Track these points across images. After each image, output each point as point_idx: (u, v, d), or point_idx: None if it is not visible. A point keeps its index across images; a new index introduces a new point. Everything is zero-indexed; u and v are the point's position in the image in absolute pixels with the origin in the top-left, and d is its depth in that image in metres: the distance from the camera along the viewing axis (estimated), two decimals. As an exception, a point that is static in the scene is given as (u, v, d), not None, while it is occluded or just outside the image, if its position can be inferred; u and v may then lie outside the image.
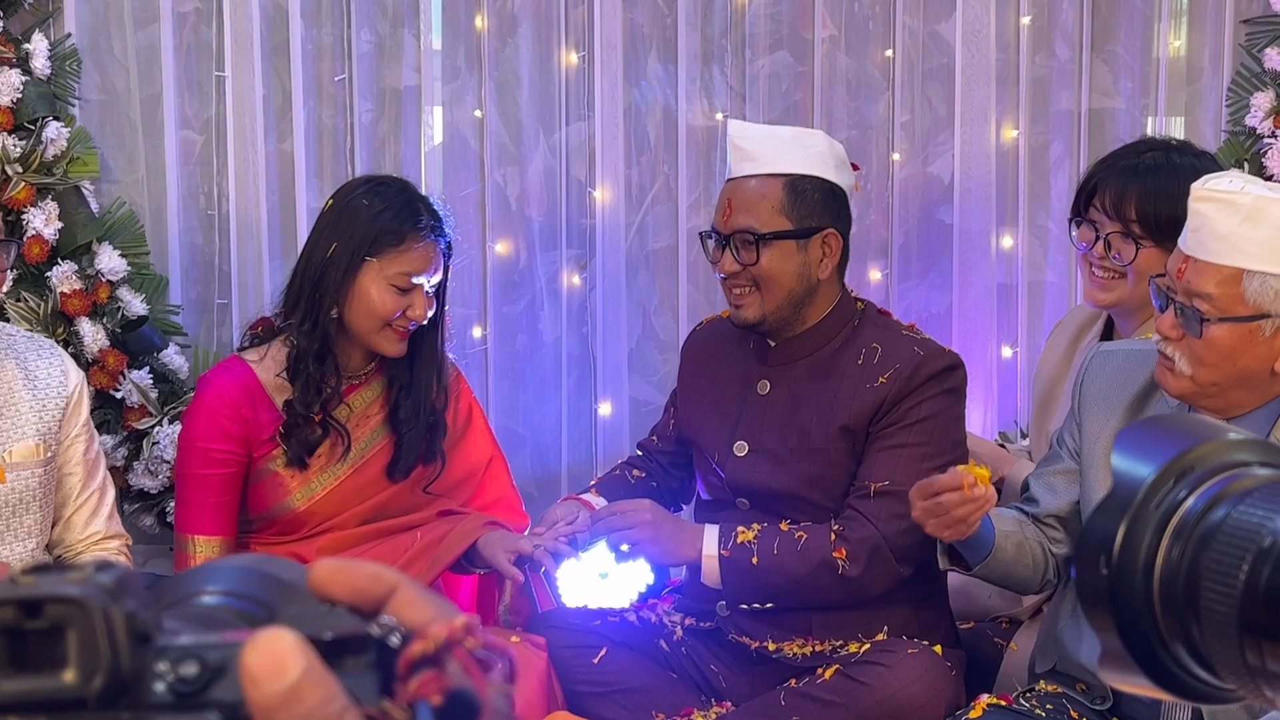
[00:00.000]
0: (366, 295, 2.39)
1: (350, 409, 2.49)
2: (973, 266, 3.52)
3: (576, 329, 3.46)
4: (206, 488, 2.42)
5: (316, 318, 2.41)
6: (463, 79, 3.43)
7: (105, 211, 3.17)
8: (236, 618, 0.53)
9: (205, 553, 2.42)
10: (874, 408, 2.40)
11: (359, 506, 2.50)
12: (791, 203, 2.42)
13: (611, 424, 3.44)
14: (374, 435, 2.52)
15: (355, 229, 2.40)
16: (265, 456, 2.45)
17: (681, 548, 2.42)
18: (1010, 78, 3.53)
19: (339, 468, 2.47)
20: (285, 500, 2.45)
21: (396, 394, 2.51)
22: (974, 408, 3.40)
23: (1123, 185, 2.46)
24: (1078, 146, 3.55)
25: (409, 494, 2.54)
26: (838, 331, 2.48)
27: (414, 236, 2.40)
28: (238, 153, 3.28)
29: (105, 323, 3.09)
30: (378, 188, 2.47)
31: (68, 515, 2.38)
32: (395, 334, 2.43)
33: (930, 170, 3.56)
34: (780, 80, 3.52)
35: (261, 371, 2.45)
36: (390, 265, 2.39)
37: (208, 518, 2.43)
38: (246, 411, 2.42)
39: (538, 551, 2.38)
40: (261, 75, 3.29)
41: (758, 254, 2.40)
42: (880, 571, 2.36)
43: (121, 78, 3.28)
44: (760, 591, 2.41)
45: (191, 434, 2.45)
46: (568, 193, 3.45)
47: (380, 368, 2.53)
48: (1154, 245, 2.42)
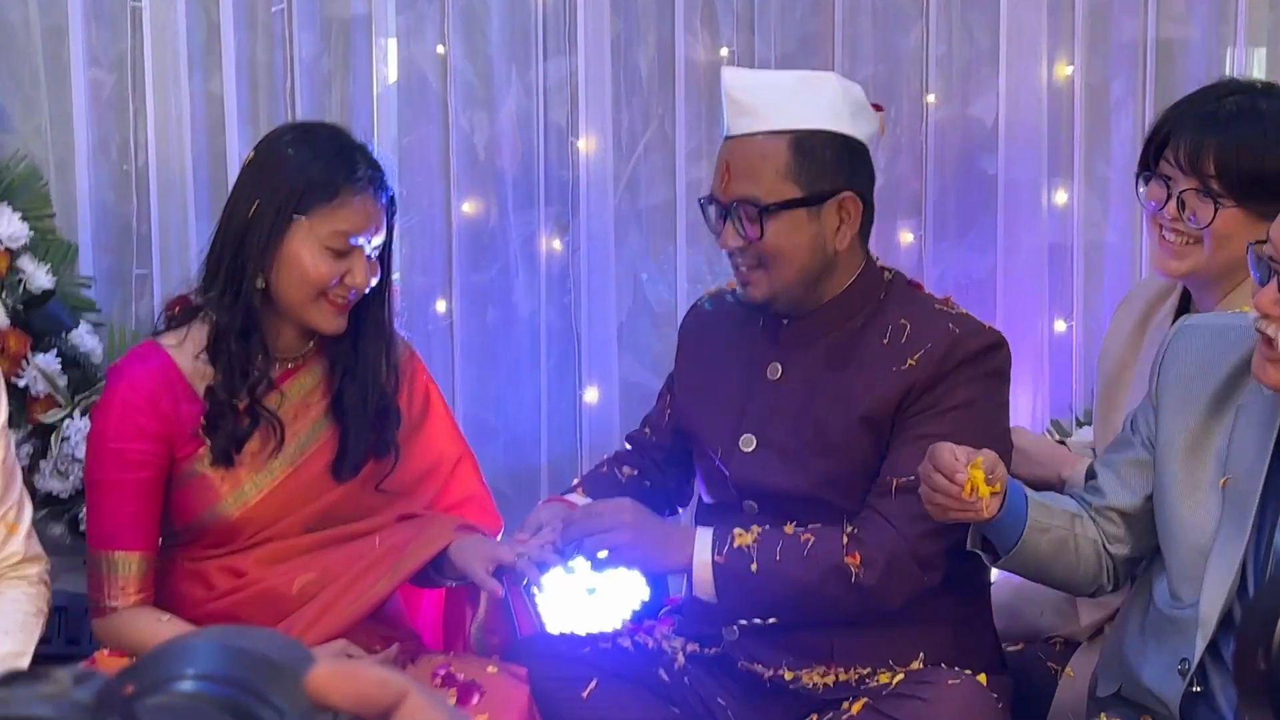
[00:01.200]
0: (296, 260, 2.37)
1: (286, 397, 2.47)
2: (1020, 225, 3.50)
3: (557, 300, 3.44)
4: (122, 495, 2.40)
5: (239, 288, 2.38)
6: (421, 7, 3.38)
7: (3, 167, 3.12)
8: (217, 709, 0.54)
9: (124, 571, 2.40)
10: (900, 395, 2.38)
11: (301, 511, 2.48)
12: (799, 164, 2.39)
13: (599, 411, 3.42)
14: (315, 428, 2.50)
15: (280, 183, 2.38)
16: (189, 457, 2.42)
17: (668, 553, 2.41)
18: (1064, 3, 3.50)
19: (275, 465, 2.45)
20: (215, 506, 2.44)
21: (340, 379, 2.50)
22: (1022, 392, 3.39)
23: (1200, 135, 2.42)
24: (1143, 84, 3.53)
25: (360, 495, 2.53)
26: (861, 307, 2.47)
27: (349, 189, 2.38)
28: (157, 95, 3.22)
29: (4, 299, 3.04)
30: (305, 135, 2.46)
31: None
32: (332, 306, 2.41)
33: (970, 112, 3.53)
34: (794, 6, 3.47)
35: (180, 357, 2.43)
36: (323, 224, 2.37)
37: (125, 530, 2.41)
38: (165, 405, 2.40)
39: (520, 561, 2.35)
40: (184, 3, 3.24)
41: (762, 227, 2.39)
42: (900, 580, 2.35)
43: (17, 7, 3.22)
44: (761, 604, 2.40)
45: (102, 433, 2.42)
46: (545, 141, 3.41)
47: (320, 349, 2.52)
48: (1235, 205, 2.39)
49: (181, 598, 2.47)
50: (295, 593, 2.42)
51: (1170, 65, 3.54)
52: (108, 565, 2.42)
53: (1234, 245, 2.36)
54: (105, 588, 2.42)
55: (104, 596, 2.42)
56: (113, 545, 2.42)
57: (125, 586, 2.41)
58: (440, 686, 2.37)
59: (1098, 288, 3.58)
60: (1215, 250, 2.43)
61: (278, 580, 2.44)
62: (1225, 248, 2.40)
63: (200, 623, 2.41)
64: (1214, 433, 2.16)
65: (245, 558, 2.48)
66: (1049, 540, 2.25)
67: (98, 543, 2.44)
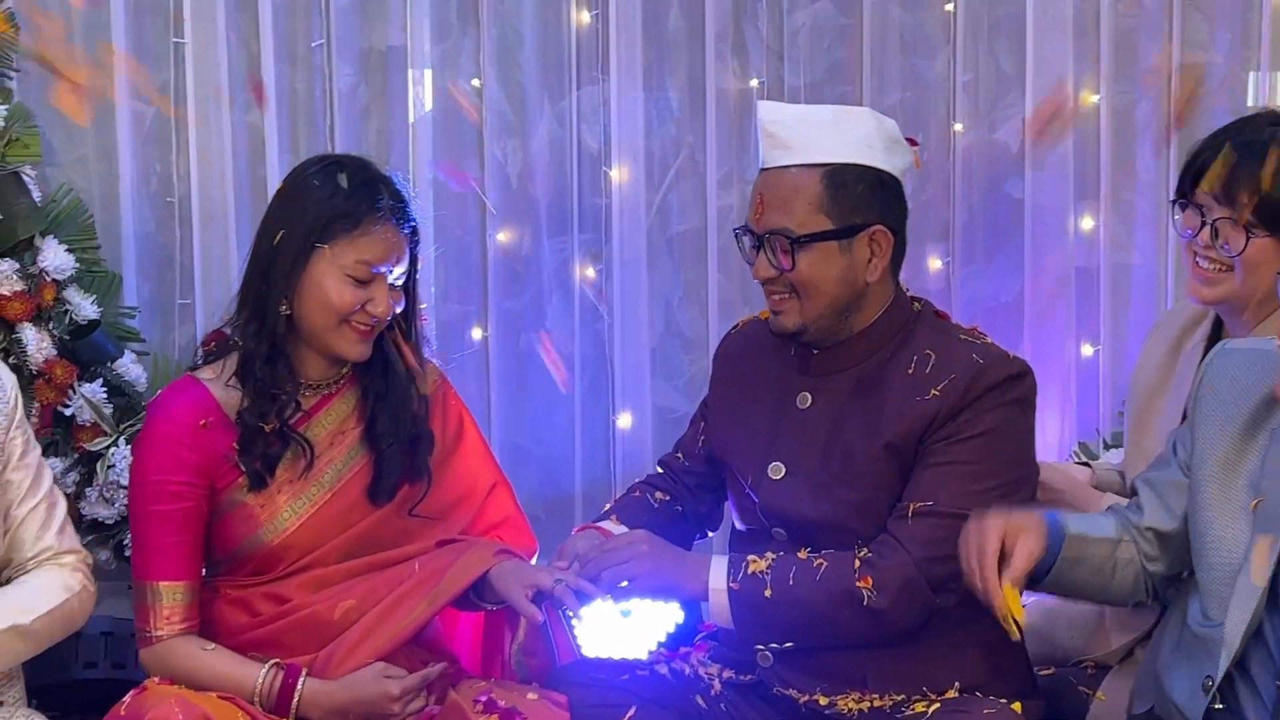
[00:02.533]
0: (319, 287, 2.42)
1: (320, 424, 2.53)
2: (1047, 249, 3.52)
3: (590, 327, 3.48)
4: (165, 527, 2.44)
5: (263, 315, 2.44)
6: (456, 38, 3.43)
7: (49, 200, 3.19)
8: None
9: (169, 601, 2.44)
10: (925, 424, 2.40)
11: (339, 538, 2.51)
12: (832, 197, 2.42)
13: (632, 436, 3.46)
14: (351, 454, 2.55)
15: (304, 213, 2.43)
16: (229, 486, 2.47)
17: (684, 580, 2.43)
18: (1089, 29, 3.52)
19: (312, 491, 2.50)
20: (257, 534, 2.47)
21: (373, 406, 2.56)
22: (1049, 415, 3.41)
23: (1235, 165, 2.47)
24: (1167, 108, 3.55)
25: (396, 520, 2.56)
26: (890, 338, 2.50)
27: (371, 219, 2.43)
28: (199, 127, 3.29)
29: (51, 329, 3.12)
30: (330, 166, 2.50)
31: (14, 529, 2.45)
32: (355, 332, 2.45)
33: (997, 138, 3.56)
34: (823, 35, 3.50)
35: (218, 390, 2.48)
36: (345, 253, 2.41)
37: (170, 561, 2.45)
38: (203, 436, 2.44)
39: (558, 587, 2.38)
40: (225, 37, 3.30)
41: (794, 258, 2.43)
42: (913, 603, 2.37)
43: (64, 42, 3.30)
44: (777, 629, 2.42)
45: (143, 467, 2.46)
46: (579, 169, 3.46)
47: (353, 378, 2.57)
48: (1268, 235, 2.44)
49: (225, 625, 2.50)
50: (337, 618, 2.45)
51: (1194, 90, 3.56)
52: (152, 595, 2.46)
53: (1265, 273, 2.42)
54: (151, 617, 2.45)
55: (150, 626, 2.45)
56: (157, 576, 2.46)
57: (170, 616, 2.45)
58: (482, 713, 2.40)
59: (1124, 311, 3.60)
60: (1247, 278, 2.47)
61: (319, 606, 2.47)
62: (1256, 275, 2.44)
63: (244, 649, 2.45)
64: (1247, 454, 2.18)
65: (287, 584, 2.51)
66: (1085, 569, 2.27)
67: (143, 574, 2.47)
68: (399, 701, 2.38)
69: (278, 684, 2.39)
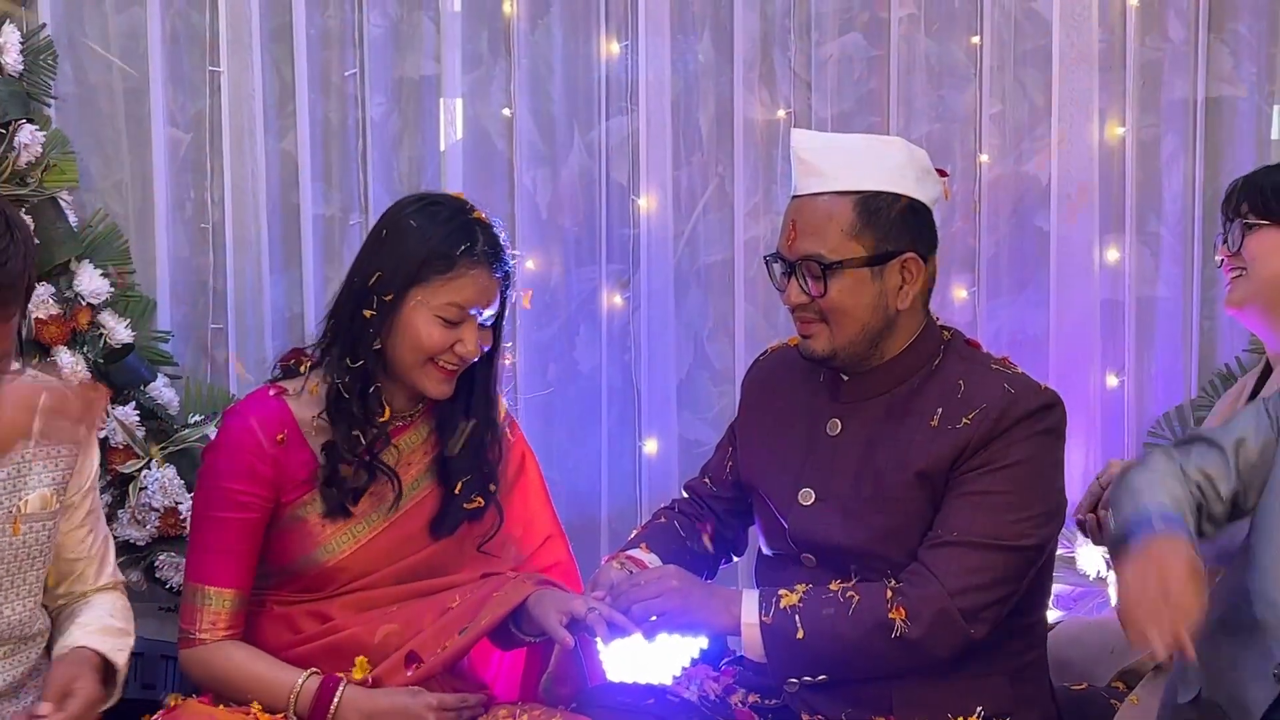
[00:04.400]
0: (410, 327, 2.44)
1: (391, 455, 2.55)
2: (1074, 281, 3.54)
3: (618, 357, 3.51)
4: (225, 533, 2.46)
5: (355, 351, 2.47)
6: (487, 68, 3.47)
7: (85, 225, 3.24)
8: None
9: (216, 606, 2.46)
10: (956, 453, 2.42)
11: (395, 565, 2.54)
12: (864, 224, 2.44)
13: (658, 466, 3.48)
14: (417, 483, 2.56)
15: (400, 254, 2.45)
16: (294, 502, 2.49)
17: (715, 615, 2.43)
18: (1116, 63, 3.55)
19: (374, 517, 2.52)
20: (313, 553, 2.49)
21: (446, 438, 2.57)
22: (1075, 445, 3.41)
23: (1240, 183, 2.64)
24: (1193, 141, 3.56)
25: (452, 553, 2.59)
26: (920, 366, 2.52)
27: (466, 264, 2.44)
28: (234, 154, 3.34)
29: (86, 352, 3.16)
30: (429, 207, 2.51)
31: (80, 569, 2.50)
32: (440, 372, 2.47)
33: (1024, 170, 3.58)
34: (852, 66, 3.54)
35: (296, 406, 2.50)
36: (437, 295, 2.44)
37: (222, 567, 2.46)
38: (278, 450, 2.47)
39: (591, 615, 2.39)
40: (260, 65, 3.34)
41: (825, 284, 2.44)
42: (946, 634, 2.37)
43: (101, 69, 3.34)
44: (810, 662, 2.42)
45: (214, 470, 2.48)
46: (607, 199, 3.49)
47: (430, 409, 2.59)
48: (1268, 224, 2.56)
49: (268, 640, 2.51)
50: (377, 642, 2.47)
51: (1219, 123, 3.58)
52: (201, 598, 2.48)
53: (1274, 262, 2.53)
54: (196, 619, 2.47)
55: (194, 628, 2.47)
56: (210, 580, 2.47)
57: (215, 621, 2.47)
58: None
59: (1149, 343, 3.61)
60: (1258, 271, 2.56)
61: (361, 629, 2.48)
62: (1267, 267, 2.53)
63: (284, 666, 2.48)
64: None
65: (332, 604, 2.53)
66: None
67: (195, 575, 2.49)
68: (436, 711, 2.39)
69: (315, 687, 2.40)
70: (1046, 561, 2.52)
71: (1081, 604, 3.47)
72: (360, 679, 2.42)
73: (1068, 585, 3.47)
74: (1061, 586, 3.41)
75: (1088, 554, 3.47)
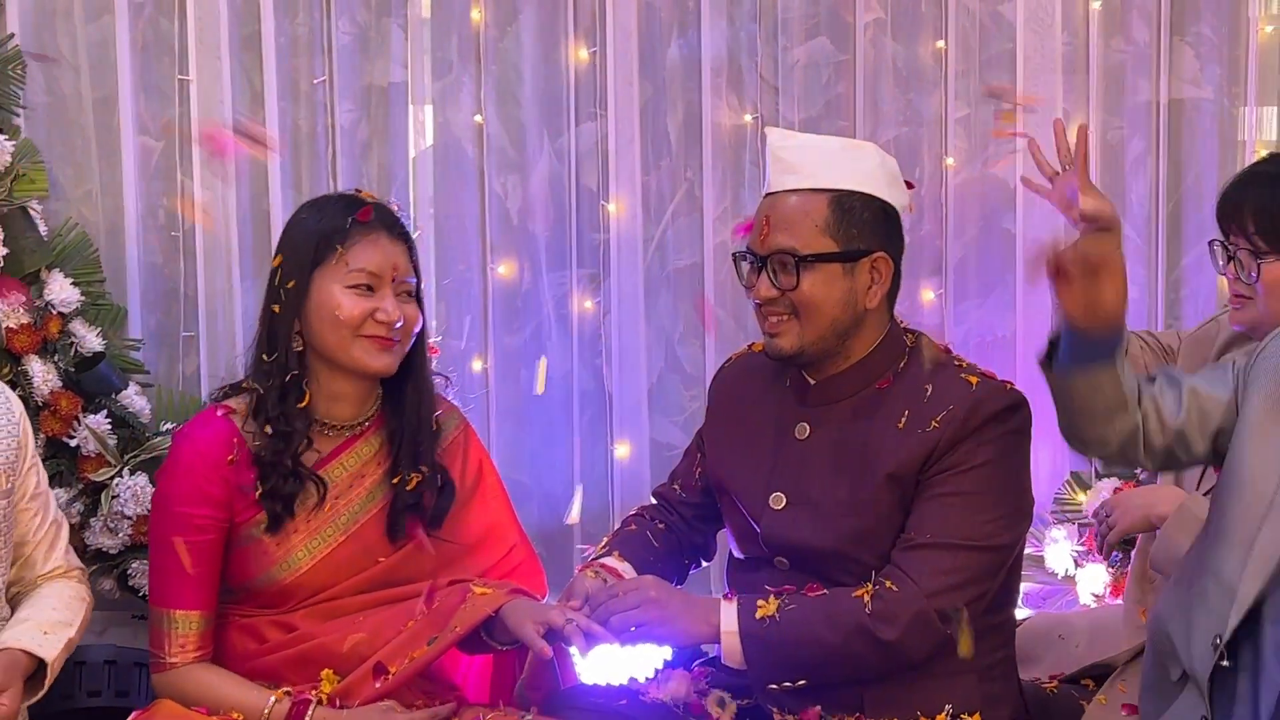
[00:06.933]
0: (324, 307, 2.46)
1: (343, 468, 2.55)
2: (1041, 283, 3.56)
3: (589, 361, 3.52)
4: (183, 556, 2.46)
5: (273, 351, 2.49)
6: (456, 74, 3.49)
7: (55, 234, 3.24)
8: None
9: (184, 630, 2.46)
10: (925, 455, 2.44)
11: (356, 577, 2.54)
12: (838, 221, 2.48)
13: (630, 470, 3.50)
14: (370, 497, 2.56)
15: (296, 243, 2.49)
16: (248, 521, 2.49)
17: (694, 624, 2.44)
18: (1080, 65, 3.59)
19: (329, 532, 2.52)
20: (269, 571, 2.49)
21: (397, 448, 2.59)
22: (1042, 446, 3.41)
23: (1238, 196, 2.60)
24: (1157, 142, 3.61)
25: (411, 563, 2.59)
26: (886, 369, 2.55)
27: (358, 230, 2.47)
28: (204, 162, 3.35)
29: (57, 361, 3.16)
30: (317, 201, 2.59)
31: (28, 553, 2.54)
32: (374, 344, 2.47)
33: (991, 172, 3.62)
34: (819, 71, 3.57)
35: (241, 423, 2.51)
36: (339, 266, 2.46)
37: (185, 590, 2.47)
38: (228, 470, 2.47)
39: (569, 626, 2.39)
40: (230, 73, 3.35)
41: (798, 278, 2.47)
42: (923, 635, 2.40)
43: (70, 78, 3.34)
44: (791, 668, 2.43)
45: (167, 495, 2.49)
46: (577, 204, 3.51)
47: (379, 420, 2.61)
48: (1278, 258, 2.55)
49: (234, 651, 2.53)
50: (346, 650, 2.47)
51: (1184, 125, 3.63)
52: (168, 623, 2.48)
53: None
54: (166, 644, 2.48)
55: (164, 652, 2.48)
56: (174, 604, 2.48)
57: (185, 644, 2.48)
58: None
59: (1116, 344, 3.64)
60: (1268, 302, 2.56)
61: (329, 638, 2.48)
62: (1276, 299, 2.53)
63: (251, 677, 2.48)
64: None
65: (294, 615, 2.53)
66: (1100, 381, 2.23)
67: (159, 600, 2.50)
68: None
69: (285, 710, 2.41)
70: (1015, 560, 2.54)
71: (1050, 602, 3.49)
72: (329, 692, 2.43)
73: (1036, 584, 3.49)
74: (1030, 585, 3.44)
75: (1056, 552, 3.50)
